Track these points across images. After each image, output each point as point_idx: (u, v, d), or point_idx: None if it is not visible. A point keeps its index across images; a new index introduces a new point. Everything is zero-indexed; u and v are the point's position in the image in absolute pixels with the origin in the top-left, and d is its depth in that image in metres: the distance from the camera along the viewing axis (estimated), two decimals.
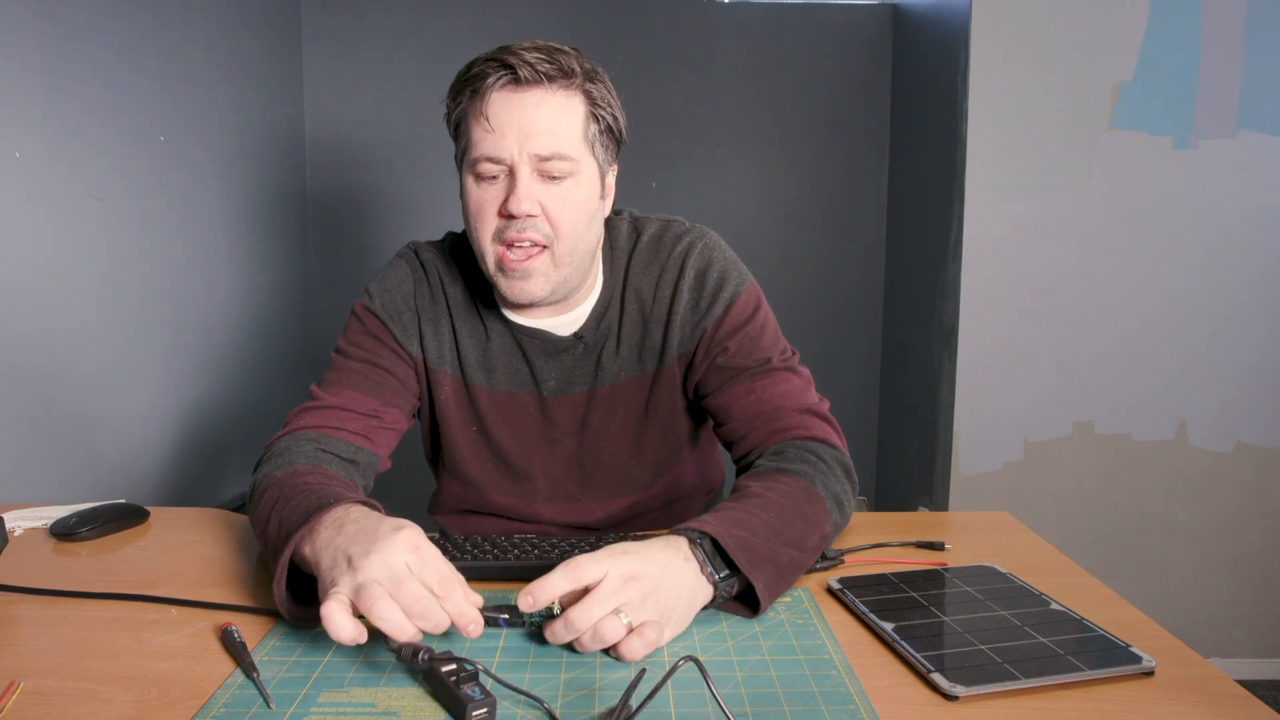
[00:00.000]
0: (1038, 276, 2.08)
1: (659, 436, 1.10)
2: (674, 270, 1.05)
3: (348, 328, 1.08)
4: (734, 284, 1.05)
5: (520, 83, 0.92)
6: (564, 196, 0.95)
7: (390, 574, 0.68)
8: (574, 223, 0.96)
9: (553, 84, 0.93)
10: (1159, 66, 1.99)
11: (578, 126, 0.95)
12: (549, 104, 0.93)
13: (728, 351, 1.03)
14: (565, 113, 0.94)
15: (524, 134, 0.92)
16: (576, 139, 0.95)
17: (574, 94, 0.94)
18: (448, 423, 1.10)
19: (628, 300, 1.06)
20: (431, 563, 0.70)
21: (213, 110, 2.09)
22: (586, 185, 0.97)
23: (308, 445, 0.96)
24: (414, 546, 0.71)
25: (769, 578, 0.78)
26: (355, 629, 0.66)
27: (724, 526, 0.79)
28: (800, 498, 0.88)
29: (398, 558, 0.69)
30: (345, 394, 1.02)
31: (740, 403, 1.02)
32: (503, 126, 0.92)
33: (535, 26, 2.64)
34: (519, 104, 0.92)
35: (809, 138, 2.71)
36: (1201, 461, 2.13)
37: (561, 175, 0.94)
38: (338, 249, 2.71)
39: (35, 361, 1.52)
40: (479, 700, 0.63)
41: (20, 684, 0.68)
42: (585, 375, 1.07)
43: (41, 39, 1.52)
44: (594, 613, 0.71)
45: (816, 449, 0.97)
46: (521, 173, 0.93)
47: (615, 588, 0.72)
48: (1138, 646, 0.71)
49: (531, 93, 0.92)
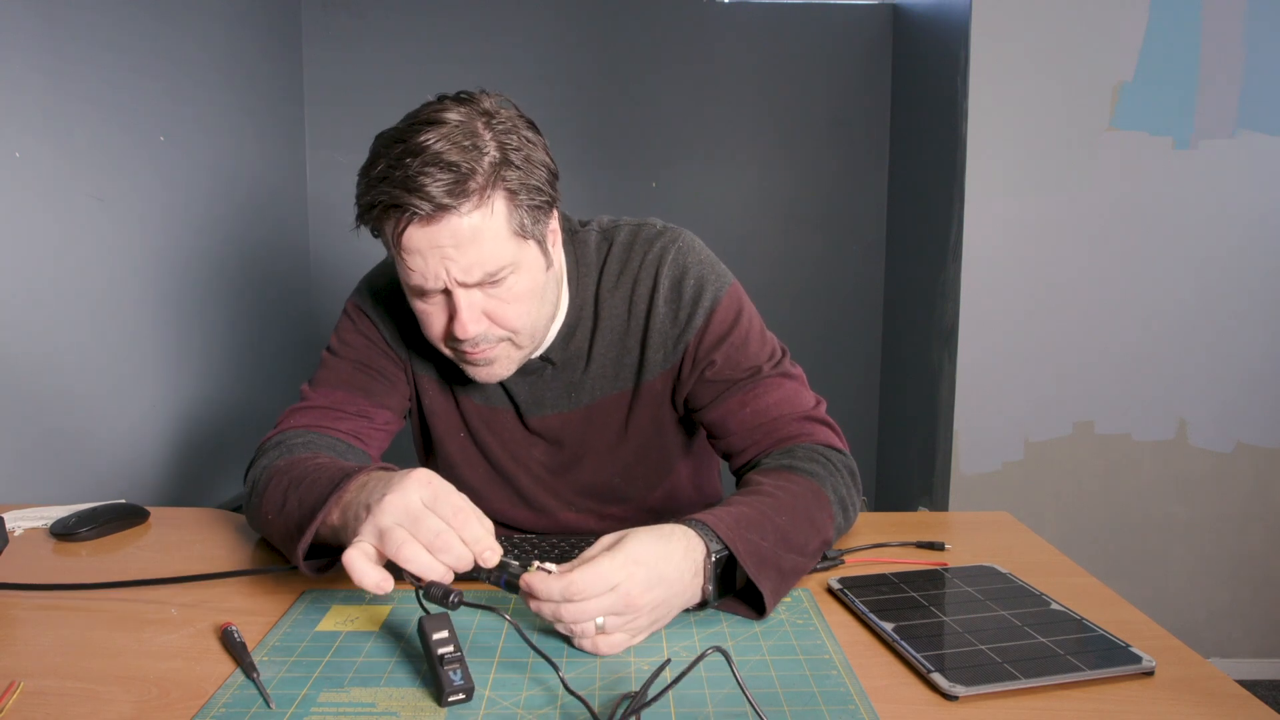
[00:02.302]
0: (1038, 276, 2.08)
1: (642, 454, 1.08)
2: (648, 281, 1.00)
3: (339, 326, 1.07)
4: (712, 290, 1.00)
5: (428, 218, 0.83)
6: (508, 297, 0.89)
7: (407, 512, 0.70)
8: (524, 314, 0.91)
9: (462, 206, 0.83)
10: (1159, 66, 1.99)
11: (501, 232, 0.86)
12: (465, 228, 0.83)
13: (715, 365, 0.99)
14: (485, 227, 0.85)
15: (448, 261, 0.85)
16: (503, 244, 0.86)
17: (488, 203, 0.84)
18: (436, 427, 1.09)
19: (601, 317, 1.02)
20: (444, 495, 0.72)
21: (213, 110, 2.09)
22: (528, 274, 0.90)
23: (300, 440, 0.97)
24: (426, 482, 0.72)
25: (774, 584, 0.78)
26: (379, 575, 0.68)
27: (736, 529, 0.79)
28: (810, 500, 0.88)
29: (412, 495, 0.71)
30: (335, 394, 1.02)
31: (736, 416, 1.00)
32: (425, 260, 0.85)
33: (535, 27, 2.64)
34: (434, 236, 0.84)
35: (809, 138, 2.71)
36: (1201, 461, 2.13)
37: (500, 280, 0.88)
38: (337, 249, 2.71)
39: (36, 362, 1.52)
40: (457, 685, 0.64)
41: (20, 684, 0.68)
42: (557, 396, 1.05)
43: (42, 39, 1.52)
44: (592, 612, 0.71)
45: (825, 452, 0.96)
46: (459, 297, 0.87)
47: (621, 605, 0.72)
48: (1138, 646, 0.71)
49: (444, 223, 0.83)
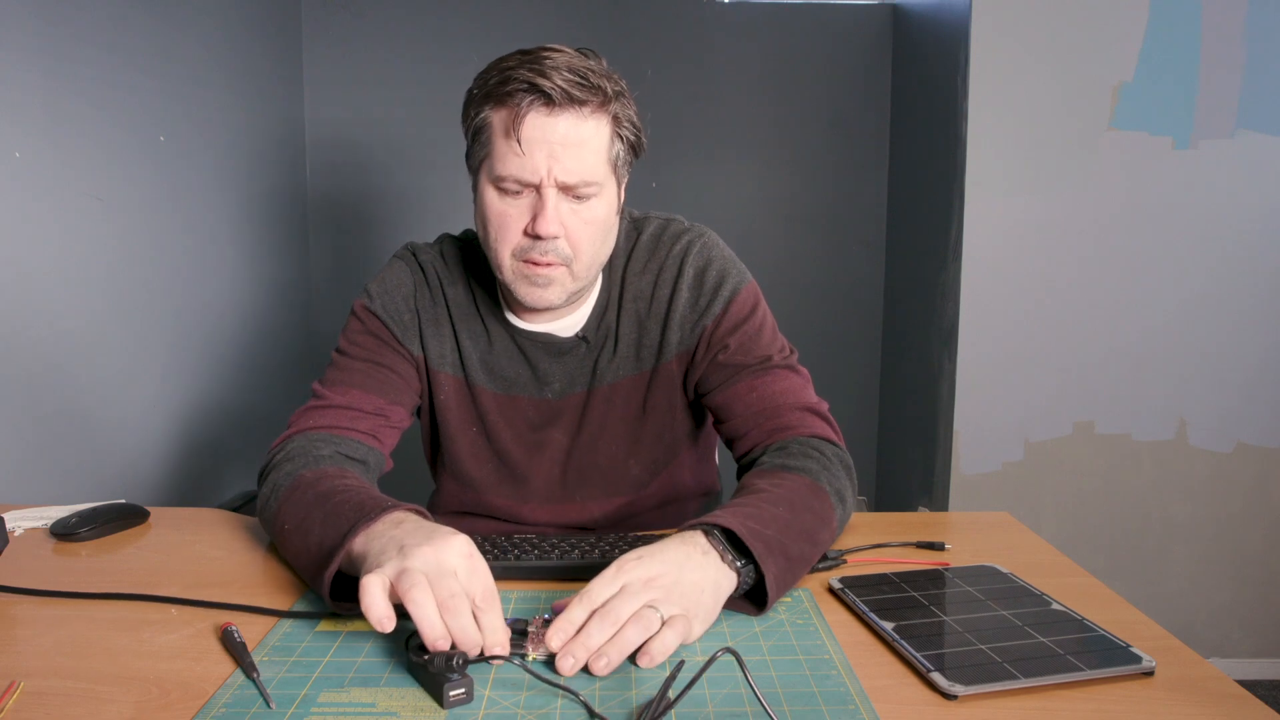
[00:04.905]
0: (1038, 276, 2.08)
1: (656, 434, 1.11)
2: (673, 269, 1.06)
3: (348, 327, 1.08)
4: (733, 282, 1.06)
5: (553, 105, 0.91)
6: (586, 216, 0.96)
7: (438, 567, 0.69)
8: (592, 240, 0.98)
9: (583, 108, 0.92)
10: (1159, 66, 1.99)
11: (604, 150, 0.95)
12: (579, 130, 0.92)
13: (729, 349, 1.04)
14: (594, 138, 0.94)
15: (553, 159, 0.92)
16: (601, 162, 0.95)
17: (602, 116, 0.94)
18: (448, 423, 1.10)
19: (625, 299, 1.07)
20: (480, 573, 0.71)
21: (213, 110, 2.09)
22: (606, 204, 0.98)
23: (326, 448, 0.97)
24: (468, 554, 0.71)
25: (779, 569, 0.78)
26: (386, 609, 0.67)
27: (736, 519, 0.80)
28: (807, 493, 0.89)
29: (449, 558, 0.70)
30: (352, 393, 1.03)
31: (742, 400, 1.03)
32: (533, 150, 0.91)
33: (535, 27, 2.63)
34: (550, 127, 0.91)
35: (809, 138, 2.71)
36: (1201, 461, 2.13)
37: (585, 196, 0.95)
38: (338, 249, 2.71)
39: (35, 361, 1.52)
40: (456, 681, 0.64)
41: (20, 684, 0.67)
42: (585, 375, 1.09)
43: (42, 39, 1.52)
44: (622, 613, 0.69)
45: (819, 445, 0.98)
46: (549, 196, 0.93)
47: (637, 590, 0.71)
48: (1138, 646, 0.71)
49: (563, 117, 0.91)
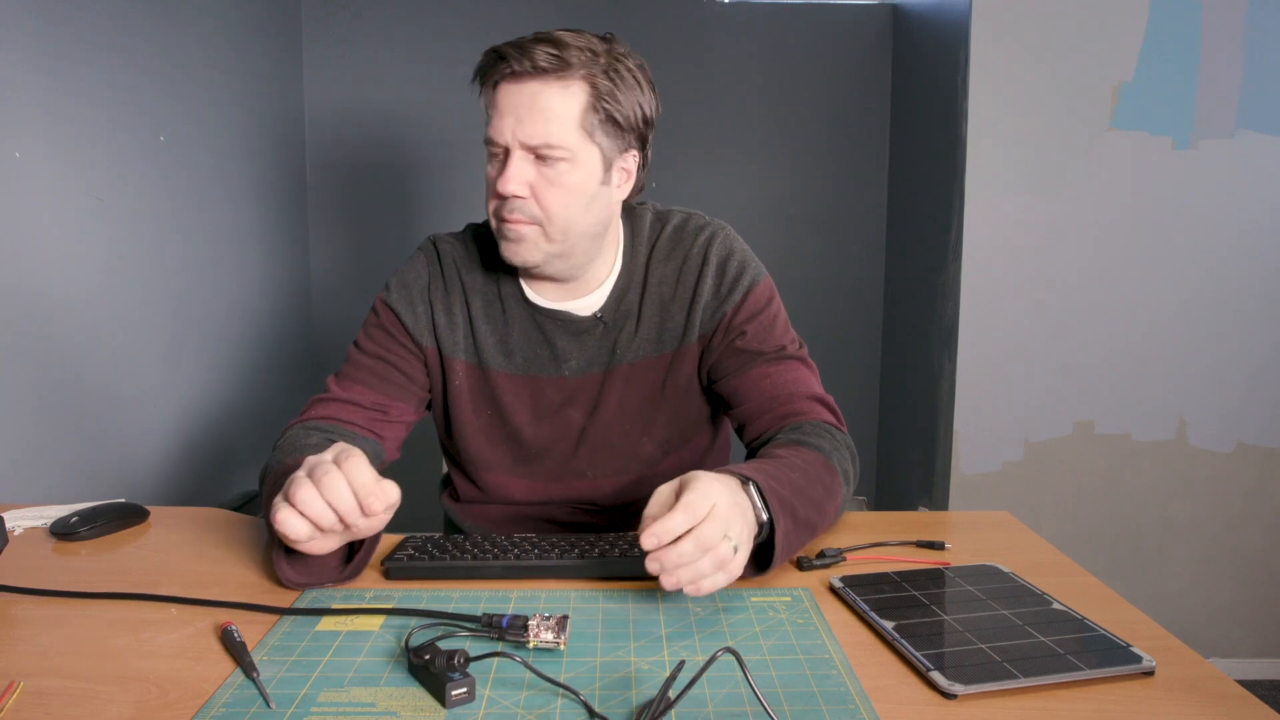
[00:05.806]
0: (1038, 276, 2.08)
1: (672, 414, 1.14)
2: (698, 258, 1.11)
3: (366, 322, 1.15)
4: (752, 273, 1.11)
5: (518, 75, 0.98)
6: (553, 179, 1.00)
7: (313, 467, 0.77)
8: (563, 204, 1.01)
9: (548, 76, 0.98)
10: (1159, 66, 1.99)
11: (571, 117, 0.99)
12: (544, 95, 0.98)
13: (745, 335, 1.08)
14: (559, 103, 0.99)
15: (519, 122, 0.99)
16: (571, 128, 0.99)
17: (572, 85, 0.99)
18: (461, 409, 1.14)
19: (650, 284, 1.12)
20: (344, 449, 0.78)
21: (213, 110, 2.09)
22: (583, 171, 1.01)
23: (315, 436, 1.03)
24: (341, 448, 0.78)
25: (786, 527, 0.83)
26: (302, 522, 0.74)
27: (759, 474, 0.84)
28: (820, 467, 0.93)
29: (324, 456, 0.78)
30: (355, 389, 1.09)
31: (757, 386, 1.07)
32: (503, 114, 1.00)
33: (535, 26, 2.62)
34: (516, 93, 0.99)
35: (809, 138, 2.71)
36: (1201, 461, 2.13)
37: (551, 160, 1.00)
38: (338, 248, 2.71)
39: (35, 361, 1.52)
40: (458, 680, 0.64)
41: (20, 684, 0.68)
42: (603, 354, 1.12)
43: (42, 39, 1.52)
44: (714, 538, 0.74)
45: (829, 429, 1.03)
46: (513, 156, 1.00)
47: (722, 517, 0.75)
48: (1138, 646, 0.71)
49: (527, 85, 0.99)
